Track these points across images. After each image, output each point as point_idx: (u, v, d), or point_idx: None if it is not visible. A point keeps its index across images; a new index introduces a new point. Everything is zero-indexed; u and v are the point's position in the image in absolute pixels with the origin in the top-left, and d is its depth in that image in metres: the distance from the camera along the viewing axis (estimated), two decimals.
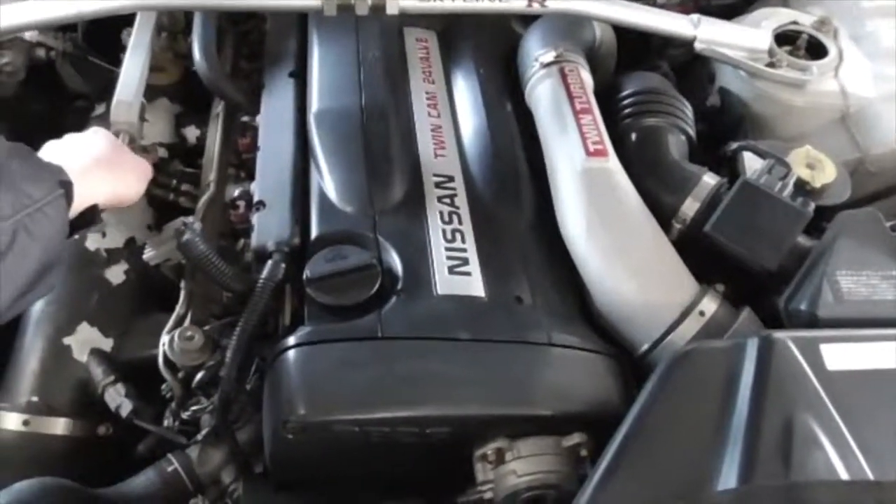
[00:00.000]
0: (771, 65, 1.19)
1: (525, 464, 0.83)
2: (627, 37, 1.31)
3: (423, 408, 0.80)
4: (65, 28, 1.24)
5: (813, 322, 0.90)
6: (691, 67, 1.38)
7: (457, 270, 0.92)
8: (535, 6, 1.10)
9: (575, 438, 0.84)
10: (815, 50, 1.23)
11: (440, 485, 0.89)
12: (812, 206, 0.98)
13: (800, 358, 0.81)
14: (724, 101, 1.24)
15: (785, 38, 1.23)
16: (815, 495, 0.72)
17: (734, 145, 1.08)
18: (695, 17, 1.18)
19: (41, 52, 1.23)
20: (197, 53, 1.14)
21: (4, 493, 0.79)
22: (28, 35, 1.18)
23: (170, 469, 0.89)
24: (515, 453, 0.83)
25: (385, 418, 0.79)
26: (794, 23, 1.25)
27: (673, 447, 0.77)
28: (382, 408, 0.79)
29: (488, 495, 0.84)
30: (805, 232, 0.98)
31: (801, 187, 1.02)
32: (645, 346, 0.93)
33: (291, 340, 0.83)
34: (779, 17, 1.26)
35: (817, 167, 1.04)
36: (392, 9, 1.06)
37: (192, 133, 1.24)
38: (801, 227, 0.97)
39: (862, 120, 1.17)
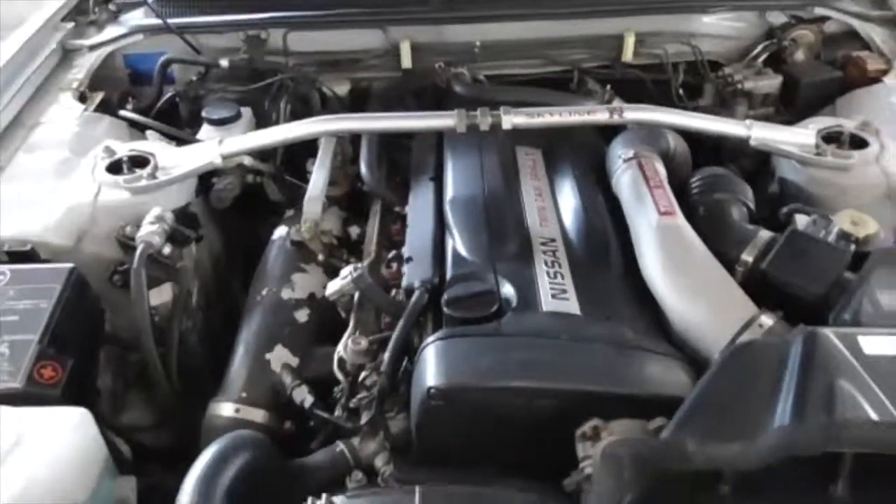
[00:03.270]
0: (818, 155, 1.44)
1: None
2: (702, 148, 1.62)
3: (531, 381, 1.04)
4: (267, 158, 1.69)
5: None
6: (758, 172, 1.66)
7: (558, 297, 1.19)
8: (616, 117, 1.44)
9: (658, 422, 1.03)
10: (859, 145, 1.48)
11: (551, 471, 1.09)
12: (852, 246, 1.20)
13: (840, 345, 1.00)
14: (782, 189, 1.50)
15: (831, 138, 1.49)
16: (850, 430, 0.88)
17: (786, 209, 1.32)
18: (748, 121, 1.48)
19: (251, 176, 1.68)
20: (364, 168, 1.55)
21: (219, 440, 1.06)
22: (247, 161, 1.63)
23: (337, 450, 1.15)
24: (609, 432, 1.04)
25: (503, 387, 1.04)
26: (839, 126, 1.51)
27: (733, 406, 0.96)
28: (501, 379, 1.04)
29: (589, 470, 1.04)
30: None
31: (846, 237, 1.24)
32: (716, 357, 1.13)
33: (433, 338, 1.11)
34: (824, 122, 1.53)
35: (860, 223, 1.26)
36: (507, 125, 1.44)
37: (354, 231, 1.61)
38: (843, 262, 1.18)
39: None
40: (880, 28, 1.78)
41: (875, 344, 1.01)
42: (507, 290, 1.20)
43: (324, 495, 0.92)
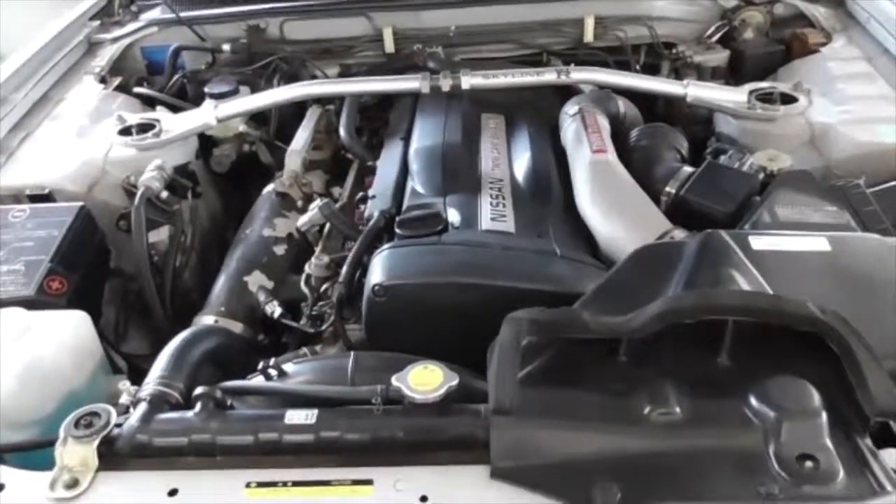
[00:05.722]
0: (749, 110, 1.59)
1: None
2: (655, 115, 1.78)
3: (463, 277, 1.20)
4: (261, 128, 1.89)
5: None
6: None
7: (497, 220, 1.35)
8: (563, 77, 1.61)
9: None
10: (790, 102, 1.62)
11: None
12: (760, 174, 1.34)
13: (731, 243, 1.14)
14: (718, 141, 1.64)
15: (765, 98, 1.63)
16: (722, 298, 1.01)
17: (711, 148, 1.47)
18: (685, 81, 1.64)
19: (247, 146, 1.88)
20: (342, 130, 1.74)
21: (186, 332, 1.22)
22: (241, 128, 1.84)
23: (301, 352, 1.31)
24: None
25: (437, 282, 1.19)
26: (772, 86, 1.66)
27: (632, 289, 1.10)
28: (436, 276, 1.20)
29: None
30: None
31: (762, 170, 1.38)
32: None
33: (381, 249, 1.27)
34: (760, 85, 1.68)
35: (775, 159, 1.41)
36: (465, 84, 1.62)
37: (336, 191, 1.79)
38: (751, 186, 1.32)
39: (825, 138, 1.52)
40: (824, 8, 1.93)
41: (762, 242, 1.15)
42: (453, 214, 1.36)
43: (273, 359, 1.08)
